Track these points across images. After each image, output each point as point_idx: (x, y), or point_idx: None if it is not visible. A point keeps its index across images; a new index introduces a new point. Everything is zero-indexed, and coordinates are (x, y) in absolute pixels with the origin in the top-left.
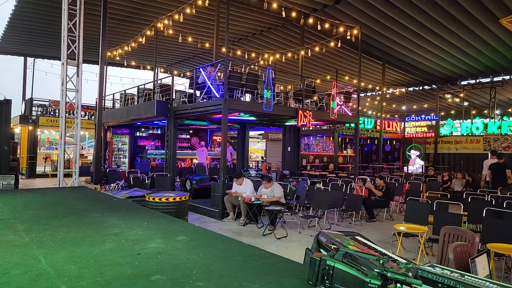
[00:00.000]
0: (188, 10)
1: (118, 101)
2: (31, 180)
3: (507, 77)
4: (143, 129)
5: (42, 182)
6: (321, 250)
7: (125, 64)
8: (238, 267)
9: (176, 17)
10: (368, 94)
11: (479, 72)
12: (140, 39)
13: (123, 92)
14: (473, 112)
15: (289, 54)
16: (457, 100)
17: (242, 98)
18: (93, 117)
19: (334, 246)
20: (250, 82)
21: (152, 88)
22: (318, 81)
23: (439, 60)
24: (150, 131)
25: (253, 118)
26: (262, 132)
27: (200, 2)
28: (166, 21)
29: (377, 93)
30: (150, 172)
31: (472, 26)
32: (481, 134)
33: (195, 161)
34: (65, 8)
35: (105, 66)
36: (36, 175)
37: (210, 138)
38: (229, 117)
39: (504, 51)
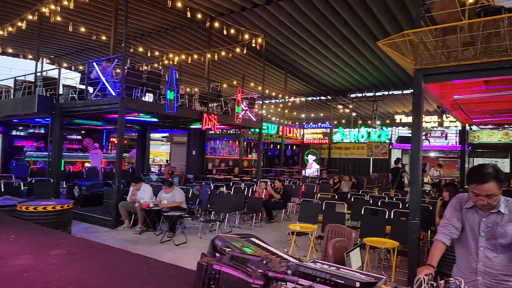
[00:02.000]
0: None
1: None
2: None
3: (386, 93)
4: (21, 128)
5: None
6: (216, 254)
7: (0, 51)
8: (121, 280)
9: (66, 3)
10: (272, 101)
11: (365, 86)
12: (20, 24)
13: None
14: (360, 122)
15: (195, 56)
16: (347, 110)
17: (143, 98)
18: None
19: (229, 249)
20: (152, 81)
21: (33, 80)
22: (224, 85)
23: (333, 73)
24: (31, 130)
25: (155, 120)
26: (167, 134)
27: None
28: (52, 6)
29: (280, 101)
30: (28, 177)
31: (359, 45)
32: (365, 141)
33: (87, 164)
34: None
35: None
36: None
37: (106, 140)
38: (127, 118)
39: (384, 69)
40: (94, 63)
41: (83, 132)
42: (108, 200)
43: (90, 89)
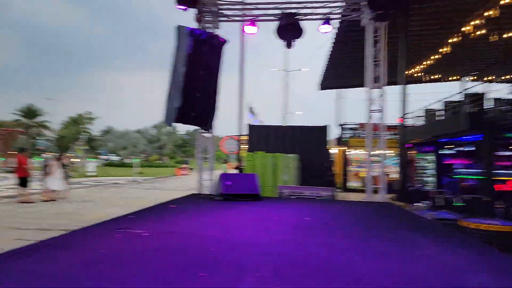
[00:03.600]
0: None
1: (420, 118)
2: (345, 194)
3: None
4: (449, 146)
5: (354, 195)
6: None
7: (425, 80)
8: None
9: (490, 13)
10: None
11: None
12: (442, 49)
13: (425, 108)
14: None
15: None
16: None
17: None
18: (396, 136)
19: None
20: None
21: (459, 99)
22: None
23: None
24: (458, 148)
25: None
26: None
27: None
28: (477, 21)
29: None
30: (459, 194)
31: None
32: None
33: None
34: (370, 38)
35: (405, 85)
36: (348, 189)
37: None
38: None
39: None
40: None
41: None
42: None
43: None
